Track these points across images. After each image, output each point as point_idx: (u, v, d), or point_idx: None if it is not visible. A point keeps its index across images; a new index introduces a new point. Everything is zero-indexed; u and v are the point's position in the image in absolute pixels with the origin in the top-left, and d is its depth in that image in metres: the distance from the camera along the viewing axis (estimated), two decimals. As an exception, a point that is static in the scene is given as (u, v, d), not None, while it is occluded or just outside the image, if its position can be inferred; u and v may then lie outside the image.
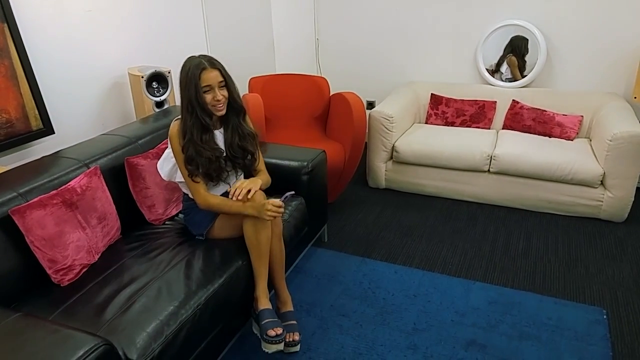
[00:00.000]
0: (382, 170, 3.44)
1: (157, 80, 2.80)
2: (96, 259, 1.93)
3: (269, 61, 3.90)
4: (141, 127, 2.46)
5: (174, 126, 1.95)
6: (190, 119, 1.89)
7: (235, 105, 1.98)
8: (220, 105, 1.91)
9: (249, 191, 1.87)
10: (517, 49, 3.67)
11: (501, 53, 3.67)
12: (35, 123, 2.41)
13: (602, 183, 2.91)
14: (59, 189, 1.86)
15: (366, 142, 3.40)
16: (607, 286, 2.40)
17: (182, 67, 1.89)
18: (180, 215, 2.30)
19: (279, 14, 3.87)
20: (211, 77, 1.86)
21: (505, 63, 3.71)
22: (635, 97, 3.17)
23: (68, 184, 1.90)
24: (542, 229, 2.93)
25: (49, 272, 1.76)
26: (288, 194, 1.99)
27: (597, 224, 2.96)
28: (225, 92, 1.92)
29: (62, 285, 1.79)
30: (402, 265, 2.61)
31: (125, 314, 1.60)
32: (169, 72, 2.83)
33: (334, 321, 2.21)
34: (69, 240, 1.82)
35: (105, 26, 2.70)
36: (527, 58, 3.61)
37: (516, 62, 3.68)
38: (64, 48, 2.50)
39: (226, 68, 1.95)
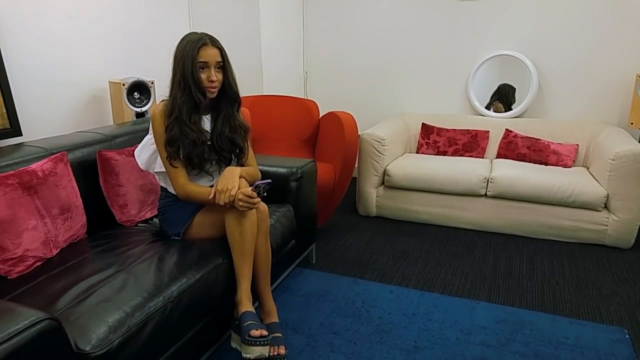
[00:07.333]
0: (372, 197, 3.26)
1: (139, 90, 2.66)
2: (54, 254, 1.68)
3: (257, 86, 3.81)
4: (118, 128, 2.29)
5: (159, 105, 1.78)
6: (181, 96, 1.72)
7: (230, 92, 1.82)
8: (214, 87, 1.76)
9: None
10: (504, 96, 3.67)
11: (492, 86, 3.66)
12: (2, 122, 2.21)
13: (606, 206, 2.77)
14: (17, 170, 1.64)
15: (354, 177, 3.25)
16: (624, 307, 2.19)
17: (180, 41, 1.75)
18: (155, 220, 2.07)
19: (267, 40, 3.83)
20: (210, 54, 1.72)
21: (492, 109, 3.69)
22: (632, 123, 3.13)
23: (29, 166, 1.69)
24: (545, 254, 2.74)
25: (-5, 261, 1.51)
26: (261, 182, 1.73)
27: (602, 250, 2.78)
28: (220, 76, 1.77)
29: (9, 277, 1.53)
30: (398, 285, 2.38)
31: (81, 304, 1.34)
32: (152, 83, 2.70)
33: (325, 339, 1.93)
34: (22, 227, 1.58)
35: (88, 35, 2.57)
36: (513, 106, 3.61)
37: (503, 108, 3.66)
38: (42, 51, 2.34)
39: None
